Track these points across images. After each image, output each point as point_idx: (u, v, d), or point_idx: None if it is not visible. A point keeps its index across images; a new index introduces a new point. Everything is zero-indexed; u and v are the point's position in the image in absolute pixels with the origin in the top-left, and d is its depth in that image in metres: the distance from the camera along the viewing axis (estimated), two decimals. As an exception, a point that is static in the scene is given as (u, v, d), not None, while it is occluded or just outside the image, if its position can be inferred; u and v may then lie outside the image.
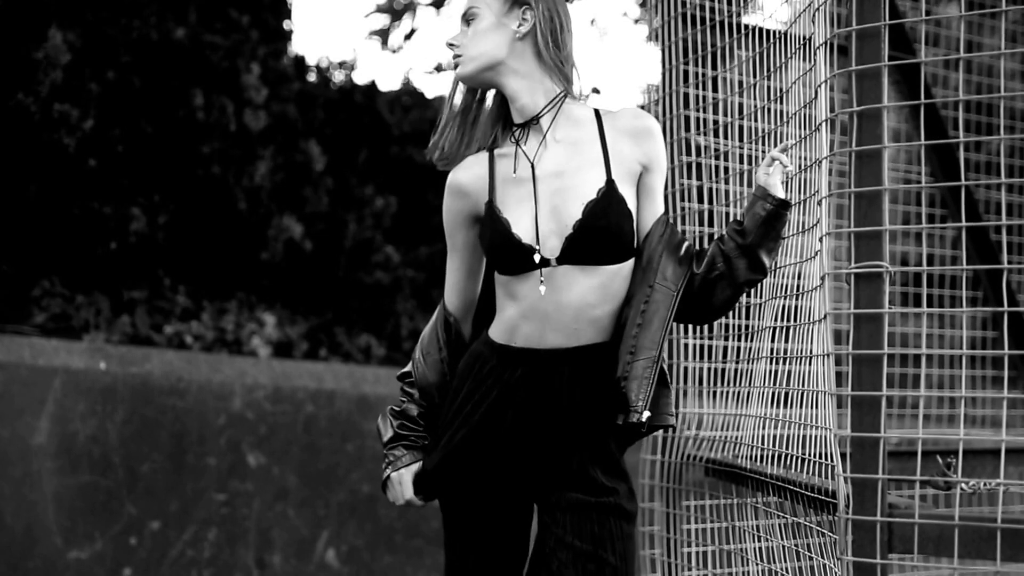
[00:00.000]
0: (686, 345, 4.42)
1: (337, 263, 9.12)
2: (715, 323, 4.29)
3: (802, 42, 3.47)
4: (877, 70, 2.87)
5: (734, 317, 4.25)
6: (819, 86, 3.12)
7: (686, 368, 4.42)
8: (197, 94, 8.48)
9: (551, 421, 3.28)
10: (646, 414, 3.18)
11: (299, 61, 9.81)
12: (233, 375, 6.73)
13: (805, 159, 3.48)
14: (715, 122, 4.35)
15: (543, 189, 3.27)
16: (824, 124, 3.09)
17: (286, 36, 9.68)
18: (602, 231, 3.20)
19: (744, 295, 3.46)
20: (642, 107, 4.40)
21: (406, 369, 3.55)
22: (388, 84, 10.32)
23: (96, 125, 7.95)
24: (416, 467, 3.47)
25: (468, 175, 3.39)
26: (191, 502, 6.47)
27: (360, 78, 10.26)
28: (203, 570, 6.49)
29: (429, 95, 10.26)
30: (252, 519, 6.63)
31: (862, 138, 2.88)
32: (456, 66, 3.37)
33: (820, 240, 3.09)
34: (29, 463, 6.02)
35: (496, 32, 3.32)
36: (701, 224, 4.37)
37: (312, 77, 9.87)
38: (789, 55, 3.66)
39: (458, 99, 3.46)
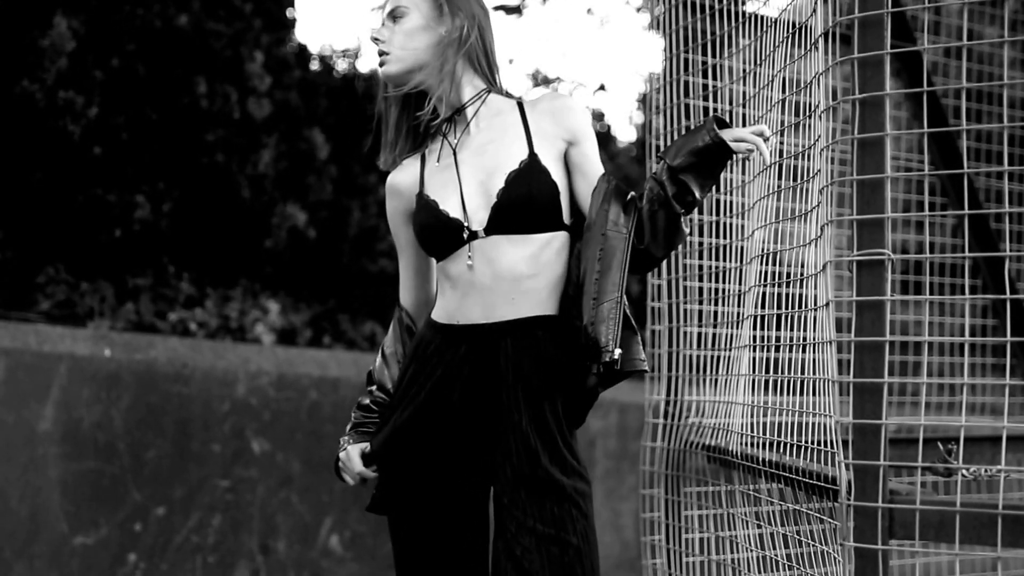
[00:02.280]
0: (687, 333, 4.44)
1: (341, 251, 9.15)
2: (716, 311, 4.31)
3: (797, 28, 3.49)
4: (879, 58, 2.88)
5: (735, 305, 4.26)
6: (820, 74, 3.13)
7: (688, 356, 4.44)
8: (201, 82, 8.50)
9: (498, 396, 3.30)
10: (617, 351, 3.19)
11: (302, 49, 9.83)
12: (237, 362, 6.75)
13: (800, 145, 3.50)
14: (716, 110, 4.37)
15: (466, 169, 3.36)
16: (826, 112, 3.11)
17: (289, 24, 9.70)
18: (525, 198, 3.27)
19: (687, 227, 3.45)
20: (644, 95, 4.42)
21: (370, 370, 3.65)
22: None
23: (101, 113, 7.97)
24: (363, 445, 3.53)
25: (402, 175, 3.52)
26: (195, 488, 6.49)
27: (363, 66, 10.26)
28: (207, 556, 6.52)
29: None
30: (256, 505, 6.65)
31: (864, 126, 2.89)
32: (382, 64, 3.42)
33: (822, 228, 3.10)
34: (34, 449, 6.04)
35: (424, 34, 3.39)
36: (700, 212, 4.39)
37: (315, 65, 9.88)
38: (780, 42, 3.67)
39: (391, 110, 3.54)
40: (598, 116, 13.08)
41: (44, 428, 6.08)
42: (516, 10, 14.03)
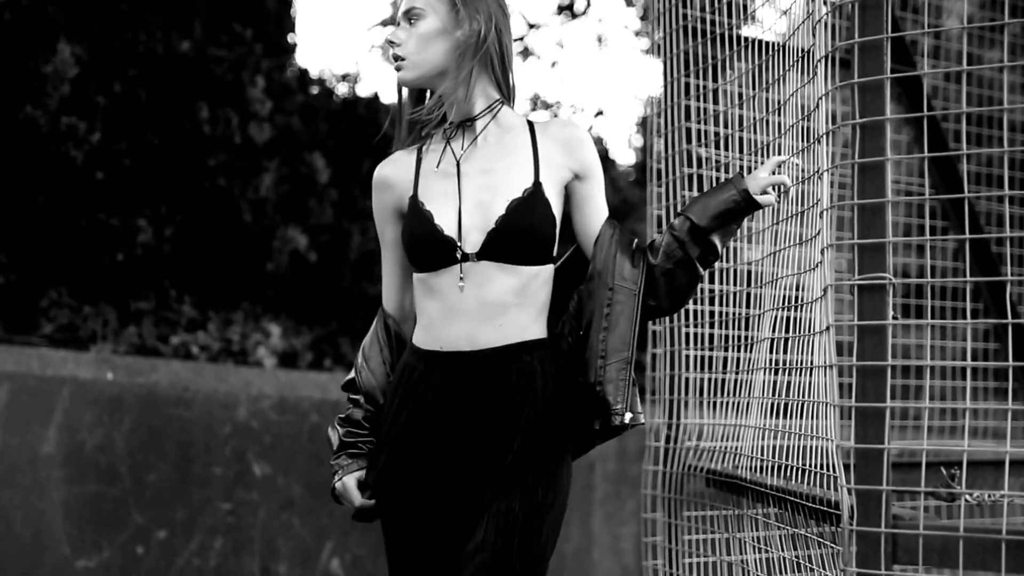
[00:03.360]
0: (687, 356, 4.44)
1: (342, 274, 9.14)
2: (716, 335, 4.31)
3: (801, 54, 3.49)
4: (879, 82, 2.89)
5: (735, 328, 4.27)
6: (820, 98, 3.14)
7: (687, 379, 4.44)
8: (202, 107, 8.51)
9: (488, 425, 3.22)
10: (628, 416, 3.19)
11: (303, 74, 9.84)
12: (239, 385, 6.75)
13: (804, 170, 3.50)
14: (716, 134, 4.38)
15: (468, 184, 3.26)
16: (826, 136, 3.11)
17: (290, 49, 9.71)
18: (524, 230, 3.20)
19: (701, 282, 3.47)
20: (644, 119, 4.44)
21: (350, 377, 3.48)
22: (391, 96, 10.32)
23: (103, 138, 7.98)
24: (360, 473, 3.41)
25: (393, 169, 3.39)
26: (197, 511, 6.49)
27: (363, 90, 10.27)
28: (209, 580, 6.52)
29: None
30: (257, 528, 6.65)
31: (864, 150, 2.90)
32: (398, 68, 3.31)
33: (822, 252, 3.11)
34: (37, 472, 6.04)
35: (442, 38, 3.26)
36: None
37: (315, 90, 9.89)
38: (787, 67, 3.68)
39: (406, 108, 3.43)
40: (597, 140, 13.10)
41: (47, 451, 6.09)
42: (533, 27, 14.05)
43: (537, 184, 3.25)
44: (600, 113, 12.90)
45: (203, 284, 8.40)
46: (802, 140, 3.53)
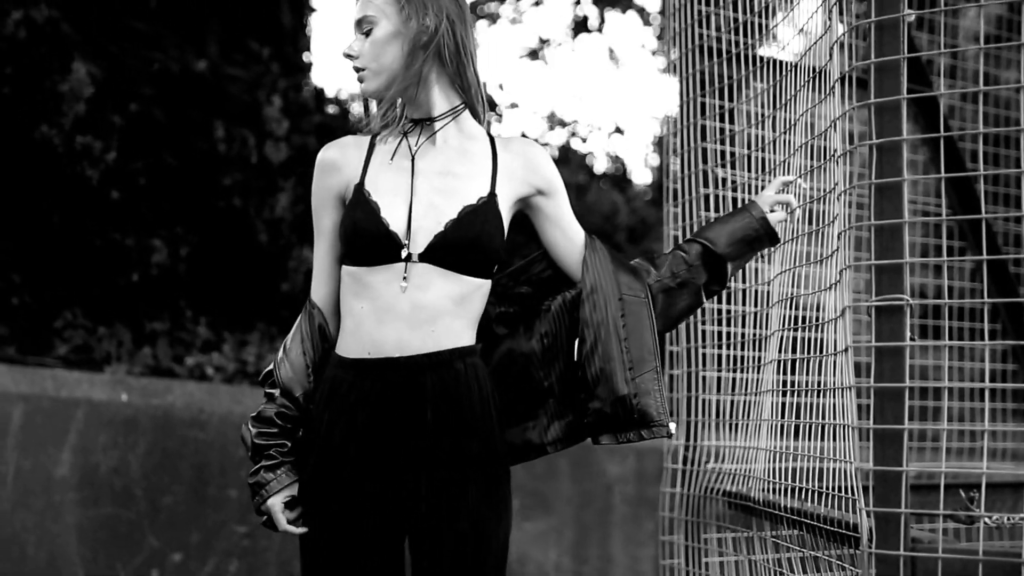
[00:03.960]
0: (705, 378, 4.43)
1: (356, 295, 9.13)
2: (734, 356, 4.30)
3: (814, 74, 3.48)
4: (896, 103, 2.88)
5: (753, 349, 4.25)
6: (837, 118, 3.13)
7: (706, 400, 4.42)
8: (218, 126, 8.53)
9: (422, 436, 3.15)
10: (672, 425, 3.20)
11: (319, 93, 9.85)
12: (254, 406, 6.74)
13: (820, 190, 3.48)
14: (732, 154, 4.37)
15: (422, 183, 3.20)
16: (843, 156, 3.10)
17: (306, 68, 9.74)
18: (473, 238, 3.15)
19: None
20: (660, 138, 4.43)
21: (267, 370, 3.35)
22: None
23: (118, 157, 7.99)
24: (284, 493, 3.26)
25: (342, 152, 3.31)
26: (212, 534, 6.48)
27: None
28: (224, 601, 6.51)
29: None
30: (273, 551, 6.64)
31: (882, 170, 2.89)
32: (360, 80, 3.26)
33: (840, 273, 3.09)
34: (51, 495, 6.04)
35: (396, 42, 3.20)
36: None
37: (332, 109, 9.91)
38: (800, 86, 3.67)
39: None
40: (614, 159, 13.08)
41: (61, 473, 6.08)
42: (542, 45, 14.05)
43: (492, 195, 3.22)
44: (618, 131, 12.89)
45: (218, 305, 8.41)
46: (816, 160, 3.52)
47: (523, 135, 3.64)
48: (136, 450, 6.28)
